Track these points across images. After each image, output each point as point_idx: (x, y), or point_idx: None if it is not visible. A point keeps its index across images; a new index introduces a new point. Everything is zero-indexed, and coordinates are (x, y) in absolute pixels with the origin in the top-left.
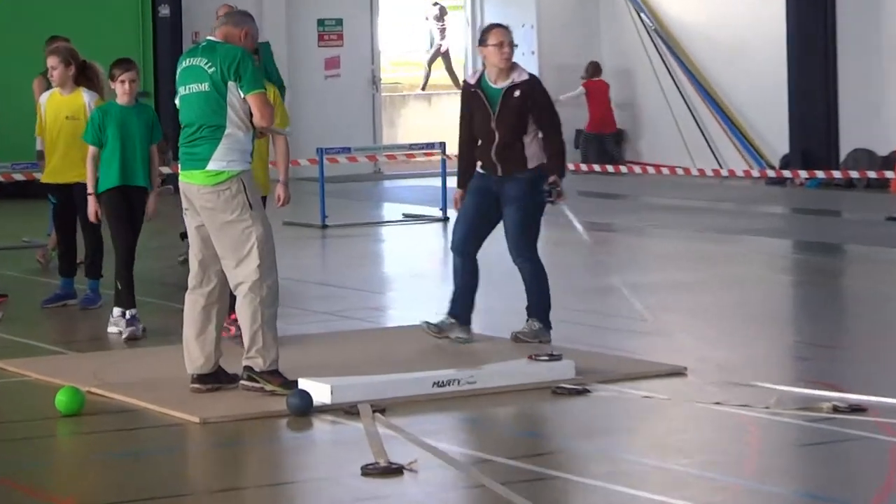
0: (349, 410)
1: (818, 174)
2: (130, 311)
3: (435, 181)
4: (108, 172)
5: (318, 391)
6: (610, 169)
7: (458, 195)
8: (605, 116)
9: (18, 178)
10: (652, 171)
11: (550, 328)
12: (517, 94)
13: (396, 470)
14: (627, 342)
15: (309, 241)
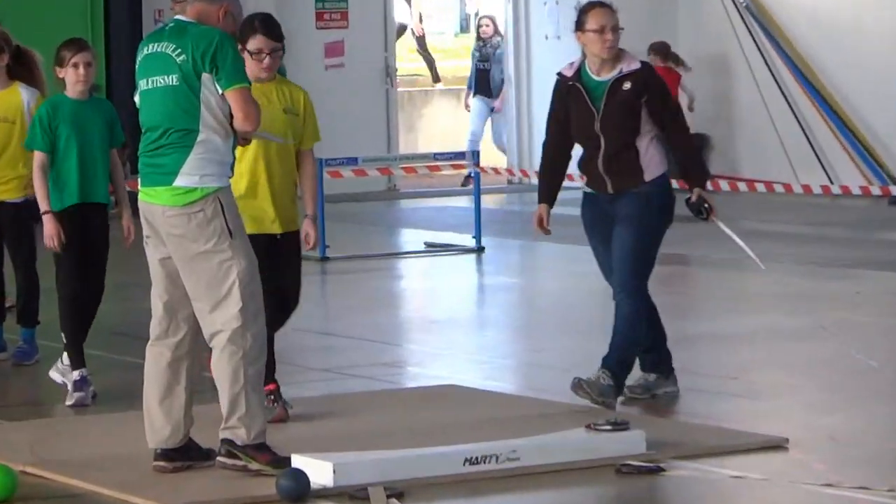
0: (356, 495)
1: None
2: (79, 371)
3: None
4: (62, 187)
5: (316, 471)
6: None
7: (542, 213)
8: None
9: None
10: (743, 187)
11: (622, 388)
12: (627, 86)
13: None
14: (712, 406)
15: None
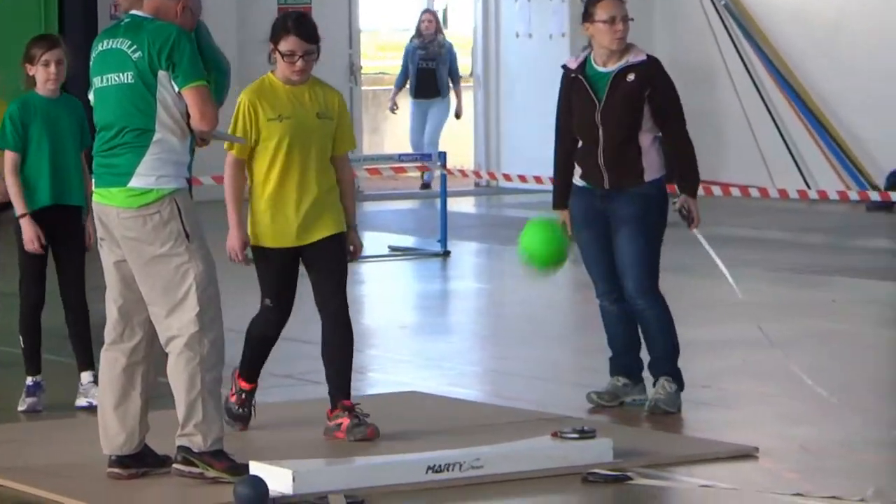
0: (316, 503)
1: None
2: (33, 377)
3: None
4: (33, 188)
5: (275, 478)
6: None
7: (564, 219)
8: None
9: None
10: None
11: (682, 390)
12: (631, 77)
13: None
14: (682, 415)
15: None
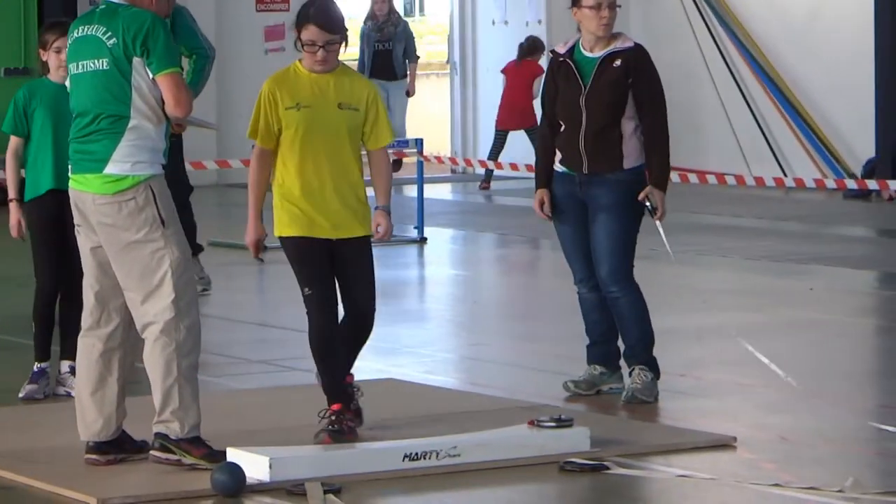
0: (293, 490)
1: None
2: (39, 364)
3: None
4: (35, 174)
5: (252, 465)
6: None
7: (542, 197)
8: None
9: None
10: (694, 179)
11: (658, 378)
12: (617, 63)
13: None
14: (659, 404)
15: (242, 267)
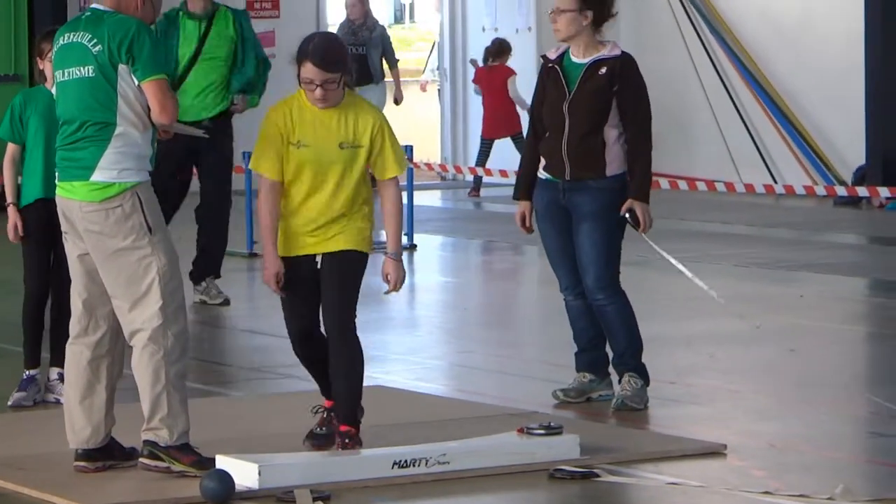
0: (283, 498)
1: None
2: (30, 370)
3: None
4: (28, 180)
5: (241, 472)
6: None
7: (524, 210)
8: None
9: None
10: (684, 185)
11: (648, 385)
12: (603, 70)
13: None
14: (649, 411)
15: (232, 274)
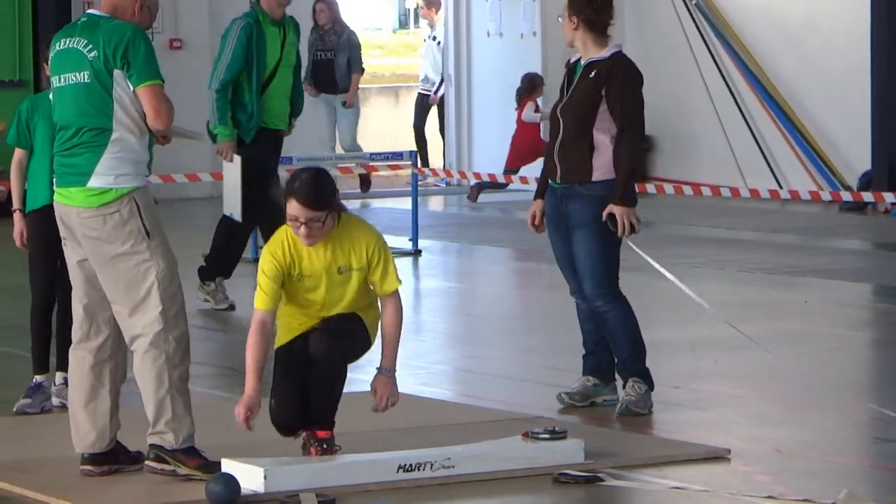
0: (288, 501)
1: None
2: (39, 376)
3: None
4: (33, 187)
5: (247, 476)
6: None
7: (535, 210)
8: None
9: None
10: (689, 190)
11: (653, 389)
12: (592, 73)
13: None
14: (653, 416)
15: (234, 278)
